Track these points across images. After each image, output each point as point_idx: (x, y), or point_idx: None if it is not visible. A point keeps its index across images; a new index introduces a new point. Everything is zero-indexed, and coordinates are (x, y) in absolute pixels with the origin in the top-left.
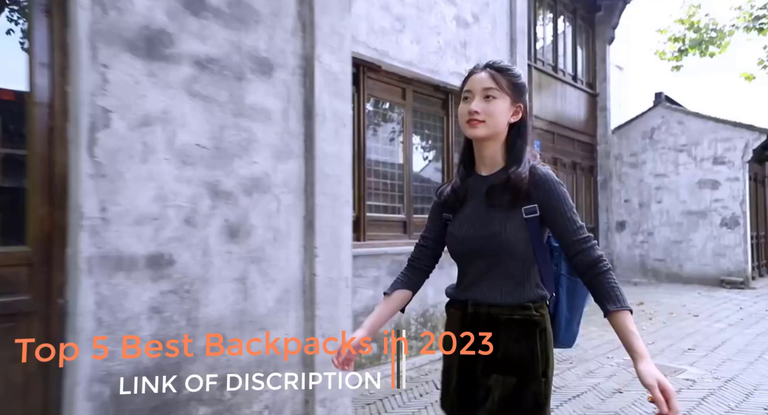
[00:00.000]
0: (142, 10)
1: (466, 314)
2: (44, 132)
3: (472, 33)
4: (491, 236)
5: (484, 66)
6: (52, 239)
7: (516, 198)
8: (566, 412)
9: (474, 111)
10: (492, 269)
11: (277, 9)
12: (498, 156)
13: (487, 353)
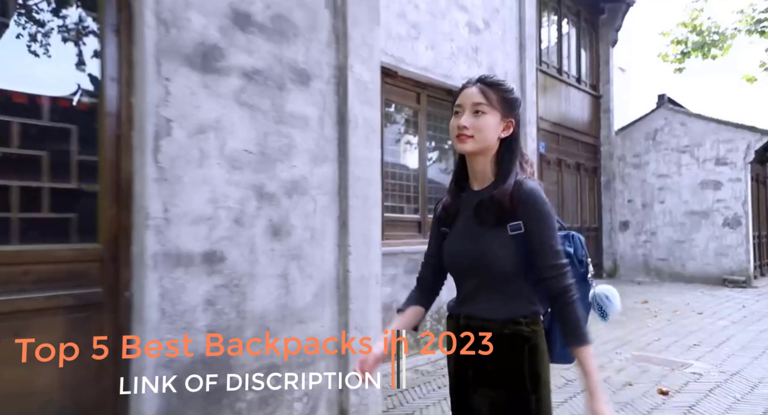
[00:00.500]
0: (198, 28)
1: (458, 327)
2: (112, 140)
3: (483, 39)
4: (480, 253)
5: (476, 81)
6: (119, 238)
7: (500, 215)
8: (579, 403)
9: (463, 126)
10: (483, 284)
11: (313, 23)
12: (488, 171)
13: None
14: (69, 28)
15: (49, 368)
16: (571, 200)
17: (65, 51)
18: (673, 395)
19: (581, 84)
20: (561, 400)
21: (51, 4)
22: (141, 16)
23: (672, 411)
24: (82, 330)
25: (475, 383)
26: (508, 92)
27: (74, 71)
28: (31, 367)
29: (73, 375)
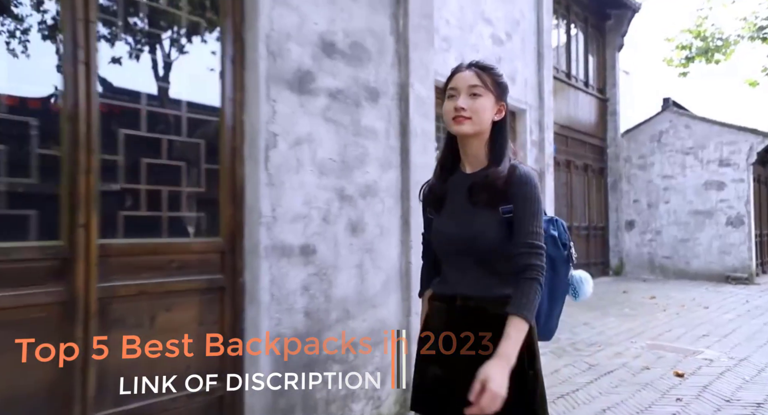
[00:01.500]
0: (295, 57)
1: (454, 308)
2: (229, 151)
3: (506, 49)
4: (476, 234)
5: (468, 65)
6: (235, 233)
7: (494, 197)
8: (604, 384)
9: (460, 107)
10: (478, 264)
11: (381, 48)
12: (481, 154)
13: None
14: (201, 58)
15: (188, 334)
16: (579, 200)
17: (196, 78)
18: (688, 377)
19: (588, 88)
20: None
21: (188, 42)
22: (254, 48)
23: (688, 390)
24: (211, 308)
25: (471, 364)
26: (500, 76)
27: (205, 94)
28: (178, 333)
29: (205, 339)
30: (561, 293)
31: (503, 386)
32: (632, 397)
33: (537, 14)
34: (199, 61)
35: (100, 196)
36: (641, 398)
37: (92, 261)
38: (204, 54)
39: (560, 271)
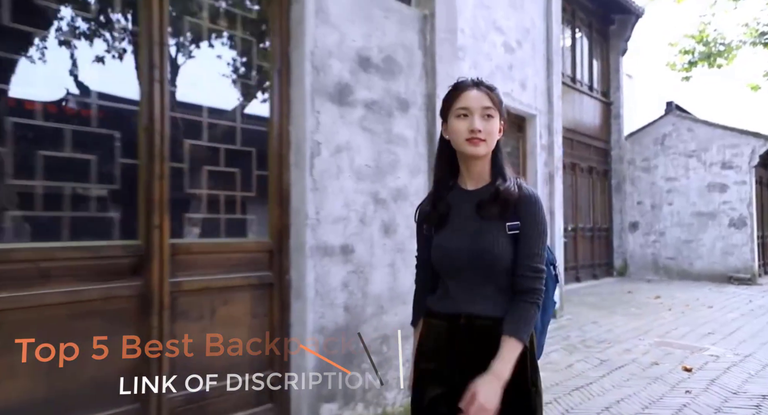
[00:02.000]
0: (336, 71)
1: (457, 326)
2: (277, 159)
3: (517, 57)
4: (484, 249)
5: (474, 84)
6: (282, 234)
7: (504, 212)
8: (616, 377)
9: (477, 129)
10: (482, 281)
11: (411, 62)
12: (485, 171)
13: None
14: (252, 74)
15: (243, 326)
16: (583, 202)
17: (248, 92)
18: (696, 371)
19: (593, 92)
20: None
21: (241, 60)
22: (300, 65)
23: (697, 383)
24: (261, 302)
25: (468, 381)
26: (499, 95)
27: (255, 107)
28: (234, 326)
29: (257, 331)
30: (549, 311)
31: (491, 401)
32: (644, 389)
33: (546, 22)
34: (250, 78)
35: (171, 201)
36: (652, 390)
37: (165, 259)
38: (254, 71)
39: (549, 289)
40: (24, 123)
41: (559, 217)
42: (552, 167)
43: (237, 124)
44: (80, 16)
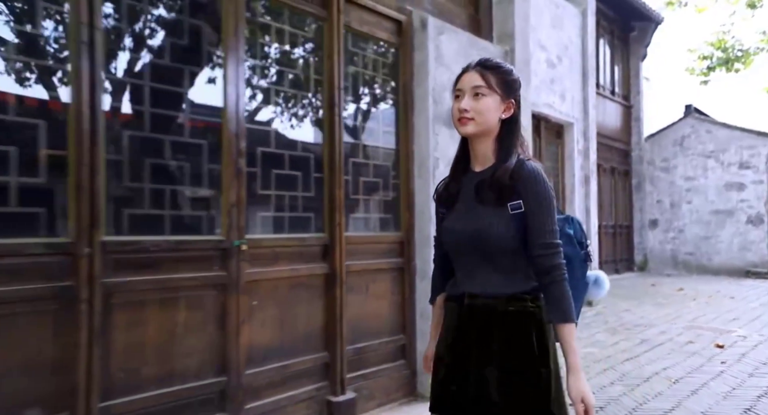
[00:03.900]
0: (448, 102)
1: (462, 307)
2: (405, 171)
3: (557, 71)
4: (480, 231)
5: (475, 65)
6: (409, 230)
7: (501, 194)
8: (658, 352)
9: (463, 109)
10: (484, 262)
11: None
12: (489, 152)
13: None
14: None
15: (385, 300)
16: (606, 201)
17: (387, 121)
18: (727, 348)
19: (615, 96)
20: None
21: (382, 97)
22: (424, 98)
23: (729, 357)
24: (397, 282)
25: (481, 363)
26: (507, 74)
27: (390, 131)
28: (380, 299)
29: (394, 303)
30: (579, 293)
31: (591, 397)
32: (684, 361)
33: (582, 39)
34: (383, 110)
35: (345, 203)
36: (692, 361)
37: (342, 247)
38: (389, 103)
39: (577, 270)
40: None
41: (594, 215)
42: (588, 170)
43: (379, 145)
44: (286, 71)
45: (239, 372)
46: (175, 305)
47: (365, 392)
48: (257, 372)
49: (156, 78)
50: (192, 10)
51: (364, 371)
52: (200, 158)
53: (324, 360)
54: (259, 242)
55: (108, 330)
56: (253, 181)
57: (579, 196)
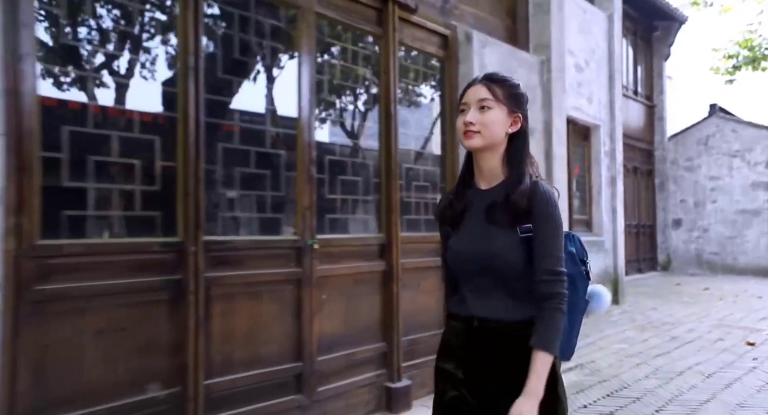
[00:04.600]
0: None
1: (471, 329)
2: (451, 177)
3: (584, 75)
4: (494, 255)
5: (482, 78)
6: None
7: (516, 217)
8: (688, 349)
9: (469, 122)
10: (494, 285)
11: (534, 97)
12: (497, 168)
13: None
14: (432, 117)
15: (434, 298)
16: (629, 200)
17: (432, 129)
18: (758, 346)
19: (638, 96)
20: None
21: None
22: None
23: (760, 353)
24: (437, 278)
25: (492, 387)
26: (513, 88)
27: (436, 140)
28: (428, 297)
29: (438, 300)
30: (580, 311)
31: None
32: (715, 357)
33: (608, 43)
34: (431, 119)
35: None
36: (723, 357)
37: (398, 247)
38: (433, 113)
39: (579, 288)
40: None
41: (620, 215)
42: (614, 171)
43: (428, 151)
44: (349, 86)
45: (312, 358)
46: (259, 298)
47: (418, 380)
48: (327, 359)
49: (242, 97)
50: (272, 34)
51: (416, 360)
52: (278, 167)
53: (382, 350)
54: (328, 241)
55: (209, 318)
56: (321, 186)
57: (606, 197)
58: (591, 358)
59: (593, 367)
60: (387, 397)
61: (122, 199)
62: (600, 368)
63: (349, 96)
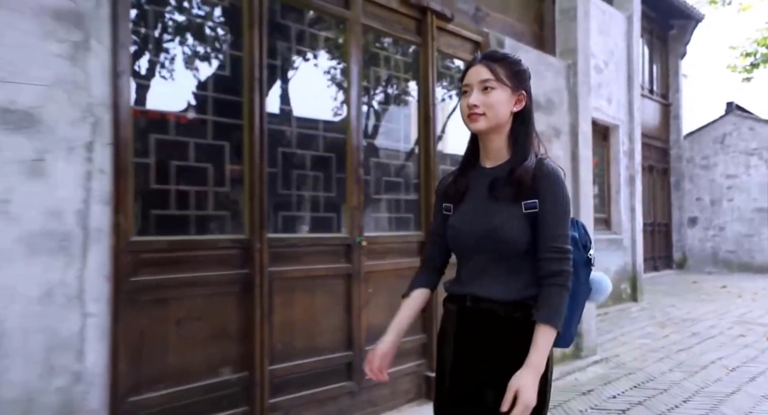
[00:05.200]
0: None
1: (464, 308)
2: None
3: (604, 76)
4: (493, 230)
5: (481, 58)
6: None
7: (519, 192)
8: (710, 344)
9: (473, 105)
10: (492, 264)
11: (560, 100)
12: (503, 147)
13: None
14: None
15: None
16: (644, 199)
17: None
18: None
19: (653, 94)
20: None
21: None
22: None
23: None
24: None
25: (481, 367)
26: (516, 65)
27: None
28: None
29: None
30: (581, 298)
31: (534, 397)
32: (737, 352)
33: (627, 44)
34: None
35: None
36: (745, 353)
37: None
38: None
39: (580, 274)
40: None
41: (639, 213)
42: (633, 170)
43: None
44: (391, 92)
45: (361, 348)
46: (314, 291)
47: None
48: (371, 349)
49: (298, 104)
50: (325, 45)
51: None
52: (330, 169)
53: (422, 341)
54: (374, 239)
55: (272, 309)
56: (368, 187)
57: (624, 196)
58: (614, 352)
59: (617, 361)
60: (426, 386)
61: (198, 200)
62: (624, 361)
63: (391, 101)
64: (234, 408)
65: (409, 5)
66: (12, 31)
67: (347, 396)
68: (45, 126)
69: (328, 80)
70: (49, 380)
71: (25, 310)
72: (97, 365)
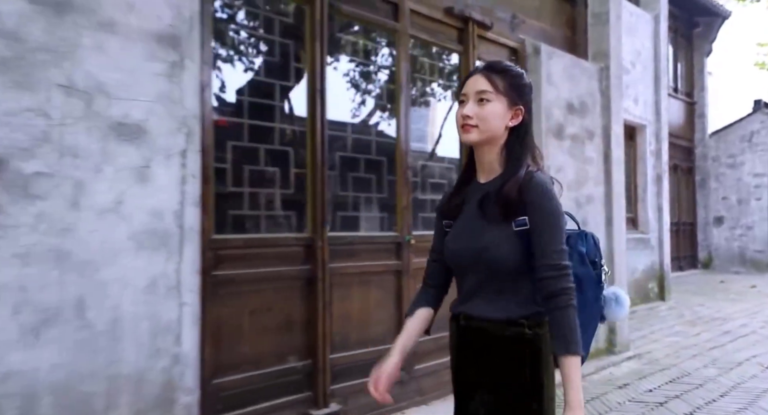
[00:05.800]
0: (556, 116)
1: (458, 327)
2: None
3: (630, 77)
4: (482, 250)
5: (482, 68)
6: None
7: (507, 210)
8: (743, 342)
9: (466, 115)
10: (484, 282)
11: (593, 103)
12: (496, 162)
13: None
14: None
15: None
16: (669, 198)
17: None
18: None
19: (678, 93)
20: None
21: None
22: (539, 114)
23: None
24: None
25: (474, 386)
26: (517, 78)
27: None
28: None
29: None
30: (590, 317)
31: None
32: None
33: (654, 44)
34: None
35: None
36: None
37: None
38: None
39: (588, 292)
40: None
41: (666, 212)
42: (660, 170)
43: None
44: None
45: None
46: (368, 286)
47: None
48: (421, 341)
49: (354, 112)
50: (376, 69)
51: None
52: (381, 172)
53: None
54: (421, 237)
55: (331, 303)
56: (415, 189)
57: (651, 195)
58: (647, 349)
59: (650, 357)
60: None
61: (267, 201)
62: (657, 358)
63: (436, 109)
64: (299, 393)
65: (452, 16)
66: (126, 55)
67: (397, 385)
68: (149, 136)
69: (379, 88)
70: (156, 361)
71: (135, 298)
72: (192, 350)
